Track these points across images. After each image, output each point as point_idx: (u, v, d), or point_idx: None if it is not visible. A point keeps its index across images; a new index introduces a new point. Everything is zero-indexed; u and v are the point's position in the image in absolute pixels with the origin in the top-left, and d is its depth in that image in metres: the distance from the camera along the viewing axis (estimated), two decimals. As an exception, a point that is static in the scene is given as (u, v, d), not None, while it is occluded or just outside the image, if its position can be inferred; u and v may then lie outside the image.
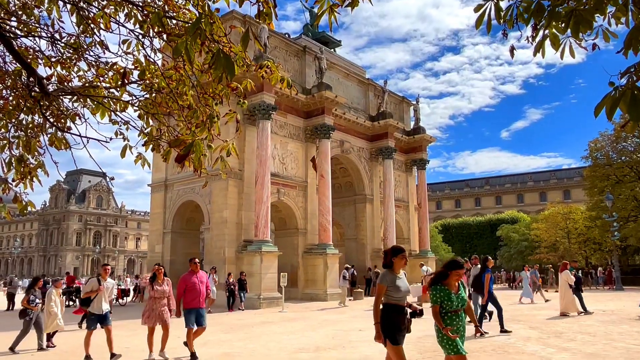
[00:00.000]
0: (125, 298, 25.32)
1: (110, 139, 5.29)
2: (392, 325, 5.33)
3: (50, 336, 11.35)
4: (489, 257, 13.44)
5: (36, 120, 5.53)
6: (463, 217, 77.01)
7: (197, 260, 9.27)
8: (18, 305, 23.17)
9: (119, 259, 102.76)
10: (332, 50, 33.88)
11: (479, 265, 13.93)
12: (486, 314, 13.59)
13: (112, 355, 8.91)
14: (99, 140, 5.18)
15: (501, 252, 53.53)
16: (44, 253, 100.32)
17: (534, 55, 3.81)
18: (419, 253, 34.77)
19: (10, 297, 22.44)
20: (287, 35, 29.14)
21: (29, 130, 5.49)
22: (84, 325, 10.45)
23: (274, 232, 27.76)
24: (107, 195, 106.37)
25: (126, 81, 4.63)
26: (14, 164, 5.24)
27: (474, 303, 13.42)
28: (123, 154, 5.10)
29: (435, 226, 59.21)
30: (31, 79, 4.67)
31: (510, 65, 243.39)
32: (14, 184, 5.27)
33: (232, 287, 20.46)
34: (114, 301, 24.31)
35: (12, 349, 10.60)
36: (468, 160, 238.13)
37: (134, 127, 5.31)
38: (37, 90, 4.65)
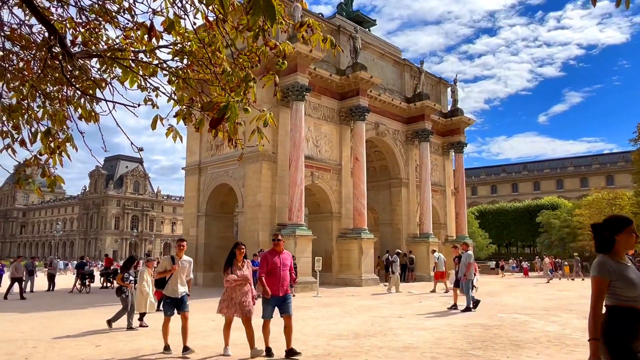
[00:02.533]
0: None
1: (139, 104, 4.88)
2: (624, 342, 3.26)
3: (142, 316, 11.17)
4: (466, 241, 15.10)
5: (63, 92, 5.14)
6: (500, 203, 74.98)
7: (280, 237, 7.68)
8: (58, 286, 23.73)
9: (156, 243, 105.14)
10: (367, 29, 32.92)
11: (470, 252, 13.88)
12: (472, 305, 13.38)
13: (185, 349, 7.77)
14: (126, 105, 4.77)
15: (541, 238, 51.83)
16: (84, 236, 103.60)
17: (617, 6, 3.12)
18: (455, 239, 33.80)
19: (51, 278, 22.90)
20: (320, 15, 28.40)
21: (55, 101, 5.12)
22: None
23: (307, 217, 27.37)
24: (143, 181, 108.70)
25: (153, 36, 4.16)
26: (39, 137, 4.88)
27: (465, 289, 13.42)
28: (154, 126, 4.68)
29: (471, 212, 57.73)
30: (52, 37, 4.26)
31: (549, 47, 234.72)
32: (42, 158, 4.92)
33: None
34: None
35: (109, 323, 10.70)
36: (504, 145, 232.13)
37: (163, 93, 4.87)
38: (59, 50, 4.24)
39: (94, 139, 4.57)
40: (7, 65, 4.96)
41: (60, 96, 5.11)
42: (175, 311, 7.96)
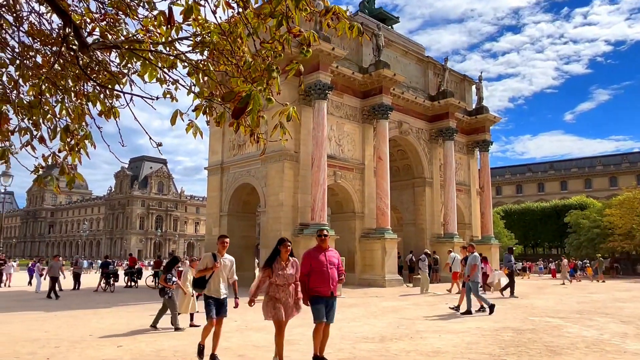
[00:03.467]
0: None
1: (157, 97, 4.69)
2: None
3: (192, 316, 11.04)
4: (472, 243, 14.79)
5: (82, 87, 4.98)
6: (526, 203, 73.41)
7: (325, 232, 6.78)
8: (83, 285, 23.97)
9: (179, 243, 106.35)
10: (390, 27, 32.48)
11: (476, 253, 13.65)
12: (486, 305, 13.02)
13: (213, 357, 7.05)
14: (144, 97, 4.58)
15: (569, 239, 50.43)
16: (110, 236, 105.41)
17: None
18: (481, 239, 33.11)
19: (76, 277, 23.12)
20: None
21: (73, 97, 4.96)
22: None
23: (329, 216, 27.13)
24: (167, 181, 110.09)
25: (171, 24, 3.95)
26: (59, 133, 4.73)
27: (469, 292, 13.10)
28: (173, 121, 4.48)
29: (496, 212, 56.58)
30: (67, 28, 4.09)
31: (575, 44, 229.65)
32: (61, 155, 4.77)
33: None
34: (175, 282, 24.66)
35: (154, 327, 10.55)
36: (528, 144, 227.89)
37: (183, 86, 4.68)
38: (73, 41, 4.07)
39: (118, 140, 4.39)
40: (25, 61, 4.84)
41: (78, 90, 4.95)
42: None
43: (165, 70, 4.62)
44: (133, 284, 24.84)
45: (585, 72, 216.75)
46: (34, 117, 4.74)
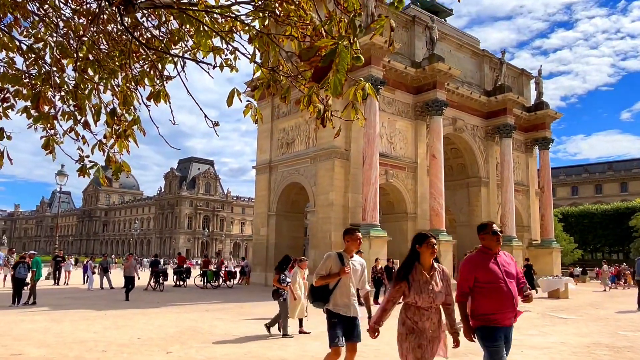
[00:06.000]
0: (232, 280, 25.28)
1: (214, 67, 3.98)
2: None
3: (300, 322, 10.19)
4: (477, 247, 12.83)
5: (130, 68, 4.33)
6: (584, 205, 69.57)
7: (495, 227, 4.46)
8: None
9: (226, 243, 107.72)
10: (443, 20, 31.12)
11: None
12: None
13: None
14: (198, 62, 3.87)
15: (635, 244, 47.23)
16: (160, 235, 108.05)
17: None
18: (540, 243, 31.21)
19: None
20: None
21: (119, 76, 4.31)
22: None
23: (380, 217, 26.12)
24: (214, 182, 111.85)
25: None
26: (105, 116, 4.10)
27: None
28: (230, 102, 3.75)
29: (554, 214, 53.75)
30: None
31: (633, 39, 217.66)
32: (108, 143, 4.14)
33: (379, 275, 17.53)
34: (223, 282, 24.40)
35: (268, 328, 9.99)
36: (581, 144, 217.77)
37: (243, 54, 3.93)
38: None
39: (170, 141, 3.64)
40: (68, 32, 4.24)
41: (125, 67, 4.29)
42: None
43: (223, 34, 3.91)
44: (182, 283, 24.71)
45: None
46: (78, 100, 4.13)
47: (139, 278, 21.09)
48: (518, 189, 30.95)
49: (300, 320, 10.12)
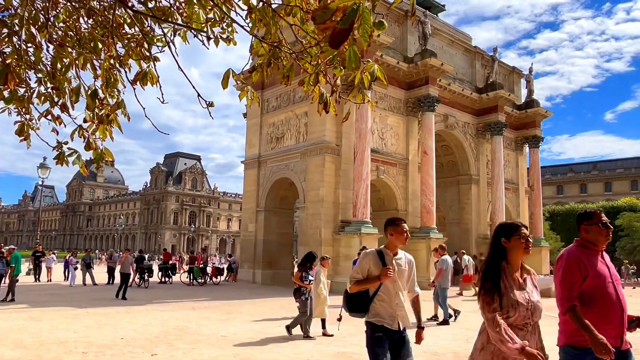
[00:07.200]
0: (219, 277, 24.77)
1: (209, 39, 3.55)
2: None
3: (323, 323, 9.63)
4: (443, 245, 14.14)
5: (114, 44, 3.88)
6: (569, 204, 70.22)
7: (604, 218, 3.56)
8: (117, 279, 23.39)
9: (212, 239, 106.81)
10: (435, 15, 30.83)
11: (446, 257, 12.89)
12: (452, 312, 12.16)
13: None
14: (192, 30, 3.44)
15: (621, 243, 47.54)
16: (145, 230, 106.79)
17: None
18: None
19: (111, 272, 22.56)
20: (386, -1, 26.66)
21: (103, 50, 3.86)
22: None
23: (371, 214, 25.81)
24: (201, 177, 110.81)
25: None
26: (84, 96, 3.66)
27: (442, 297, 12.01)
28: (225, 84, 3.36)
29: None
30: None
31: (617, 41, 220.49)
32: (89, 130, 3.70)
33: None
34: (209, 279, 23.84)
35: (288, 330, 9.41)
36: (566, 144, 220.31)
37: (241, 26, 3.51)
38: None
39: (156, 139, 3.18)
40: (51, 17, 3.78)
41: (109, 46, 3.83)
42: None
43: (219, 4, 3.49)
44: (167, 279, 24.16)
45: (628, 69, 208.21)
46: (56, 81, 3.68)
47: (139, 277, 20.59)
48: (508, 187, 30.86)
49: (323, 321, 9.60)
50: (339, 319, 4.64)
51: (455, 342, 8.98)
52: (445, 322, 11.82)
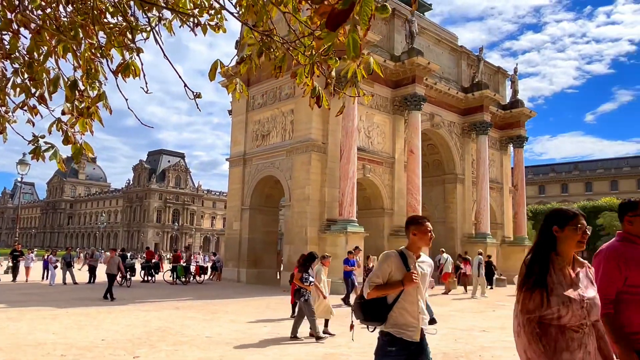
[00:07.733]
0: (202, 276, 24.45)
1: (198, 24, 3.36)
2: None
3: (326, 322, 9.52)
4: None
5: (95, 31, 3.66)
6: (550, 204, 71.23)
7: None
8: (99, 278, 22.93)
9: (196, 237, 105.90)
10: (422, 14, 30.84)
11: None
12: None
13: None
14: (179, 12, 3.25)
15: (601, 242, 48.44)
16: (127, 228, 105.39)
17: None
18: (513, 240, 31.45)
19: (92, 270, 22.10)
20: (373, -3, 26.57)
21: (83, 39, 3.63)
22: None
23: (357, 212, 25.73)
24: (184, 175, 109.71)
25: None
26: (65, 92, 3.44)
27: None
28: (212, 75, 3.18)
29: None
30: None
31: (598, 43, 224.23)
32: (69, 123, 3.48)
33: None
34: (192, 278, 23.51)
35: (294, 337, 9.02)
36: (547, 145, 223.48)
37: (231, 13, 3.35)
38: None
39: (139, 136, 2.97)
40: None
41: (90, 33, 3.60)
42: None
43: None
44: (150, 278, 23.78)
45: (608, 72, 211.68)
46: (33, 72, 3.46)
47: (122, 276, 19.88)
48: (492, 187, 31.03)
49: (327, 321, 9.48)
50: (352, 327, 4.27)
51: (444, 342, 8.89)
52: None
